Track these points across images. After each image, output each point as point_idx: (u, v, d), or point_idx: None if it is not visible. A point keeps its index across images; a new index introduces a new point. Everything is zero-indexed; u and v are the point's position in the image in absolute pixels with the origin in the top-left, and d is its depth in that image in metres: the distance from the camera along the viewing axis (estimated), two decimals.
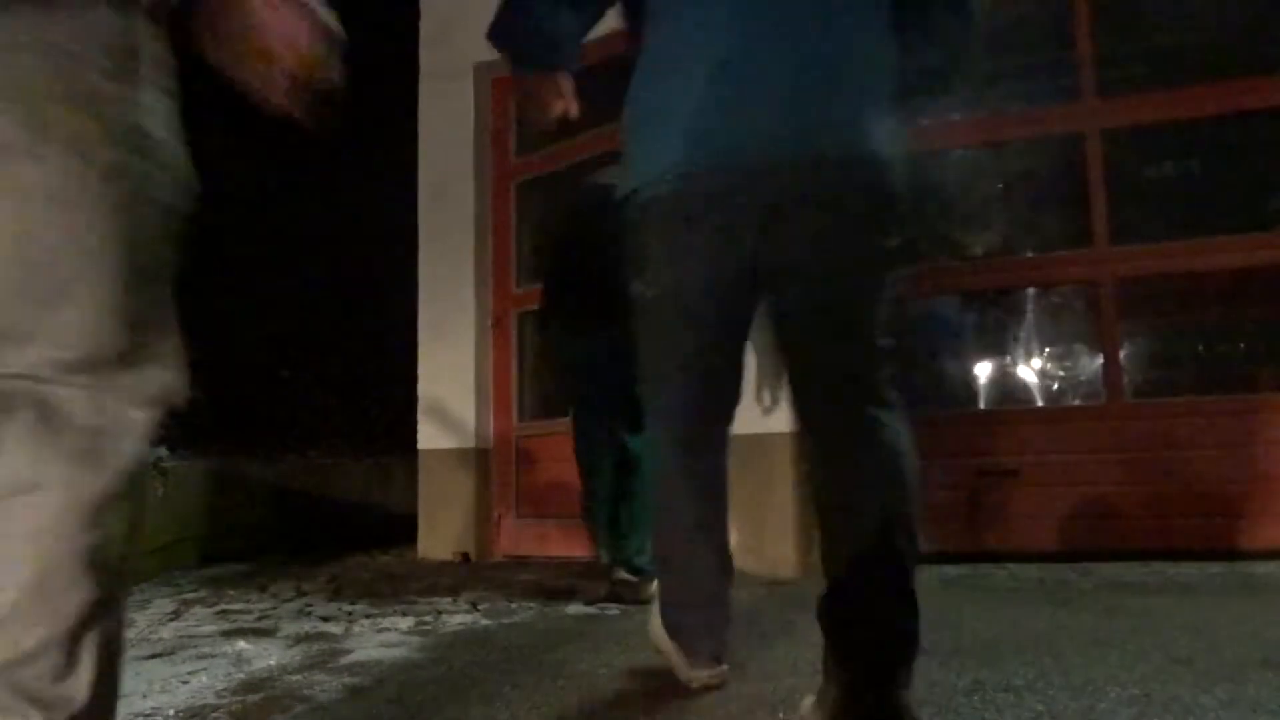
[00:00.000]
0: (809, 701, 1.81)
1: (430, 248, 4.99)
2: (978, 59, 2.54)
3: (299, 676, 2.40)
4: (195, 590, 3.80)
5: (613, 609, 3.26)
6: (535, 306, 3.84)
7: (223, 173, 5.85)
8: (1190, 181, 4.31)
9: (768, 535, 4.08)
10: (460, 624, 3.05)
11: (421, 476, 4.97)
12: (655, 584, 2.54)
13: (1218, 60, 4.24)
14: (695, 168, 1.69)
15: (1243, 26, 4.22)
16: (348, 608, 3.37)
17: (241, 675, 2.44)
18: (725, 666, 2.16)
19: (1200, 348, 4.29)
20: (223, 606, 3.45)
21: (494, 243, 4.97)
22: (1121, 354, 4.18)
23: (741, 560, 4.06)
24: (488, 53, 5.11)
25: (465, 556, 4.72)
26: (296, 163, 4.52)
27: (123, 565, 1.11)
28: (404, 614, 3.21)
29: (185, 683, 2.37)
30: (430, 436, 4.96)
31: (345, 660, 2.58)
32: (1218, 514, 3.88)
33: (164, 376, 1.20)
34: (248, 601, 3.55)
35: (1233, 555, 3.77)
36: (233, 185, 5.88)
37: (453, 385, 4.86)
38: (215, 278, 5.67)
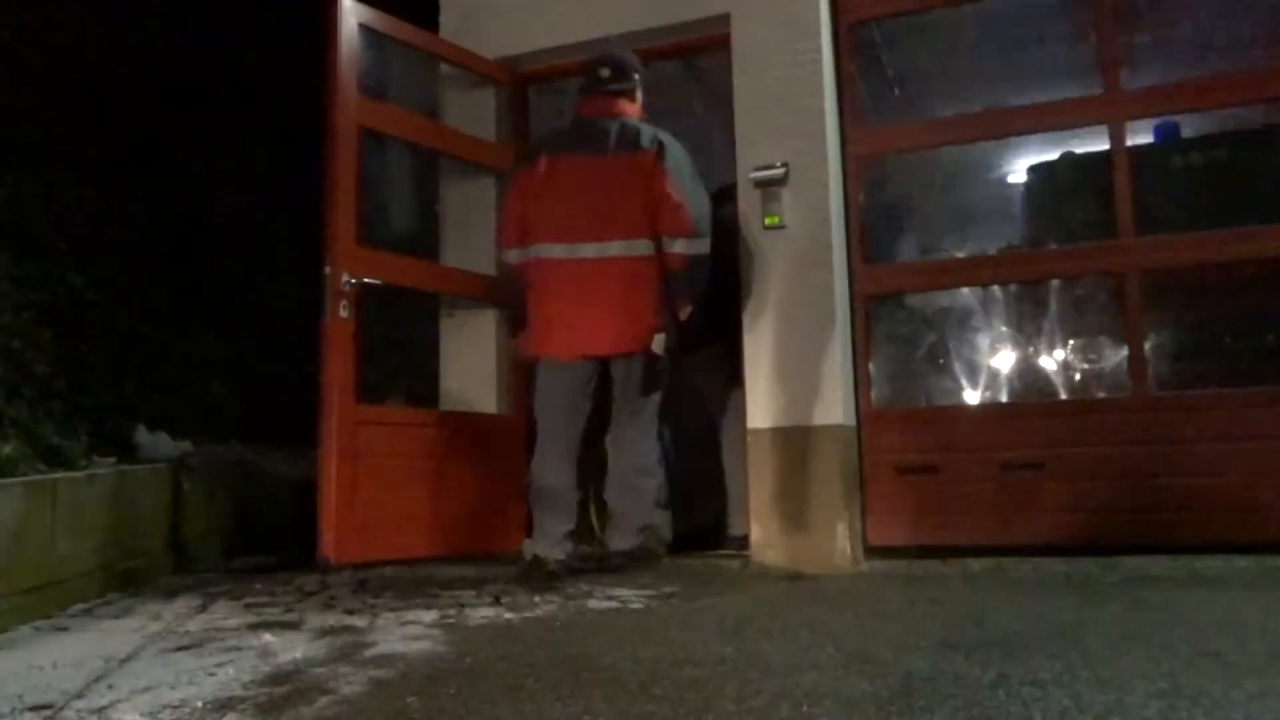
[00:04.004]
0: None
1: (452, 241, 5.00)
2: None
3: (324, 669, 2.42)
4: (221, 584, 3.83)
5: (635, 603, 3.27)
6: None
7: (246, 171, 5.90)
8: (1218, 171, 4.26)
9: (790, 529, 4.07)
10: (484, 618, 3.06)
11: None
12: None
13: (1244, 48, 4.19)
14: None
15: (1269, 13, 4.16)
16: (372, 601, 3.39)
17: (267, 668, 2.46)
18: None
19: (1228, 339, 4.24)
20: (248, 600, 3.48)
21: None
22: (1147, 346, 4.14)
23: (764, 554, 4.08)
24: (508, 47, 5.14)
25: (488, 551, 4.73)
26: (315, 161, 4.54)
27: None
28: (427, 607, 3.23)
29: (212, 675, 2.39)
30: None
31: (370, 653, 2.59)
32: (1245, 507, 3.84)
33: None
34: (273, 595, 3.58)
35: (1260, 548, 3.73)
36: (259, 183, 5.93)
37: (473, 381, 4.87)
38: (240, 272, 5.71)
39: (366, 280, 4.26)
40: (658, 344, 3.88)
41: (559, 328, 3.93)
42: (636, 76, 4.09)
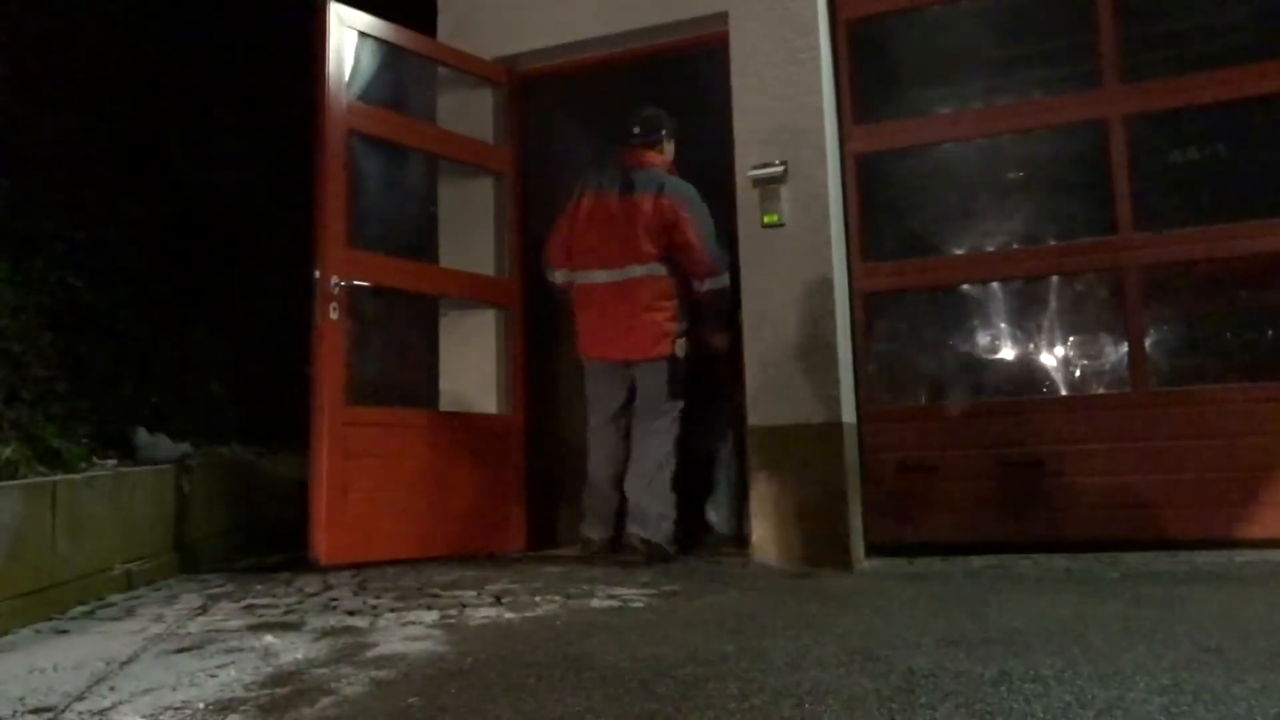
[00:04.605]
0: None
1: (449, 243, 5.00)
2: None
3: (325, 670, 2.42)
4: (222, 585, 3.83)
5: (636, 601, 3.27)
6: None
7: (247, 170, 5.89)
8: (1216, 166, 4.25)
9: (791, 527, 4.07)
10: (485, 618, 3.06)
11: None
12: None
13: (1242, 43, 4.18)
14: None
15: (1268, 7, 4.15)
16: (373, 602, 3.39)
17: (269, 669, 2.46)
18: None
19: (1227, 335, 4.24)
20: (249, 601, 3.48)
21: (509, 238, 4.99)
22: (1147, 342, 4.14)
23: (765, 552, 4.08)
24: (505, 47, 5.13)
25: (489, 551, 4.73)
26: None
27: None
28: (429, 608, 3.23)
29: (214, 676, 2.39)
30: None
31: (371, 654, 2.59)
32: (1245, 502, 3.84)
33: None
34: (274, 596, 3.57)
35: (1261, 543, 3.73)
36: (258, 182, 5.92)
37: (472, 381, 4.88)
38: (239, 273, 5.71)
39: (357, 283, 4.27)
40: (680, 348, 4.38)
41: (596, 336, 4.49)
42: (664, 132, 4.58)
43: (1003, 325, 4.46)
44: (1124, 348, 4.17)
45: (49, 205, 4.67)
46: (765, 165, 4.28)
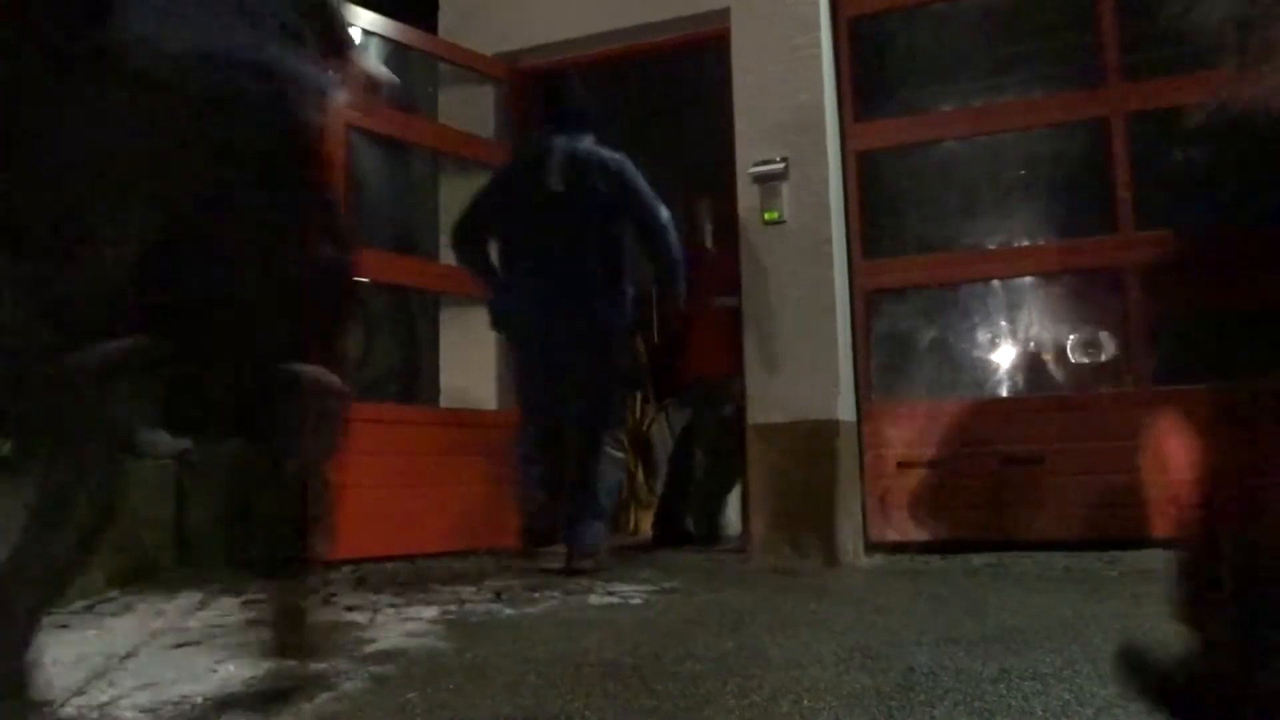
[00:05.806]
0: None
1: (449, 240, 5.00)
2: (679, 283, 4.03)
3: (325, 665, 2.42)
4: (222, 580, 3.83)
5: (636, 598, 3.27)
6: None
7: None
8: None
9: (790, 524, 4.07)
10: (484, 613, 3.06)
11: None
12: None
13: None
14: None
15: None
16: (372, 597, 3.39)
17: (268, 664, 2.45)
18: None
19: (1227, 334, 4.24)
20: (249, 596, 3.47)
21: None
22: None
23: (764, 549, 4.08)
24: (507, 44, 5.13)
25: (488, 547, 4.73)
26: None
27: None
28: (428, 603, 3.23)
29: (213, 671, 2.39)
30: None
31: (370, 649, 2.59)
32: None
33: None
34: None
35: None
36: None
37: (472, 378, 4.88)
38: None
39: (356, 279, 4.28)
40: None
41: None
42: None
43: (1003, 323, 4.46)
44: (1124, 345, 4.17)
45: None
46: (766, 162, 4.28)
